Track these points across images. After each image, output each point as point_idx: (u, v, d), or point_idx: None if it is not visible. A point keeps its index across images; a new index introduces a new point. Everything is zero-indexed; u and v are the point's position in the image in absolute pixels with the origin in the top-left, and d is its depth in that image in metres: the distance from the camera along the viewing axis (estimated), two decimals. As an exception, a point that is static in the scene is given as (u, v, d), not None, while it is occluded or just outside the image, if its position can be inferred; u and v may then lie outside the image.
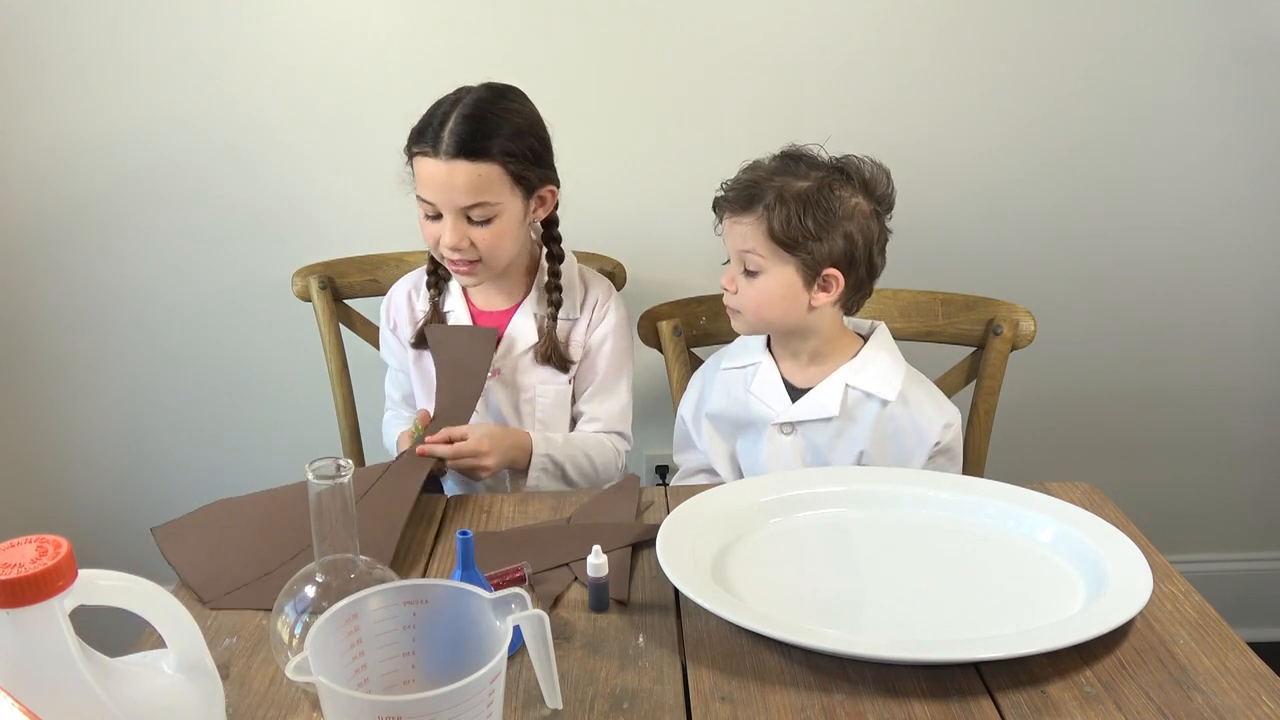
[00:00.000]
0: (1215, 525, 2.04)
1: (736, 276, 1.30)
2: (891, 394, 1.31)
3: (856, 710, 0.84)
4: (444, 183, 1.29)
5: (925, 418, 1.32)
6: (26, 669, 0.60)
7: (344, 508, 0.80)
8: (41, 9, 1.68)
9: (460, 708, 0.64)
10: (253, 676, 0.89)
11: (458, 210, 1.30)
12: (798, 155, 1.30)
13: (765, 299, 1.29)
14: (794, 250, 1.25)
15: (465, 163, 1.28)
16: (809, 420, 1.33)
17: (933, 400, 1.34)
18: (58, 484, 1.96)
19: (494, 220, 1.32)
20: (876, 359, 1.34)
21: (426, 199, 1.32)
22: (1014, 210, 1.84)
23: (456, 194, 1.29)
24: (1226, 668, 0.88)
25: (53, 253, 1.82)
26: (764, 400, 1.35)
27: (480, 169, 1.29)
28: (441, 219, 1.32)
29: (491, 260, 1.35)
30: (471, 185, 1.29)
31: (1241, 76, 1.77)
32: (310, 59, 1.72)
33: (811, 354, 1.35)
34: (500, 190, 1.31)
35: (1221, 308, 1.91)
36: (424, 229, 1.35)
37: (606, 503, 1.18)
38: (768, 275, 1.27)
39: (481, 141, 1.29)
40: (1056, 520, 1.08)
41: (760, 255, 1.27)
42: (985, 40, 1.75)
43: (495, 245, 1.34)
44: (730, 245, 1.31)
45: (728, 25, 1.73)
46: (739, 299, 1.31)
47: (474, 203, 1.30)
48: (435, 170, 1.29)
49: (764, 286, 1.28)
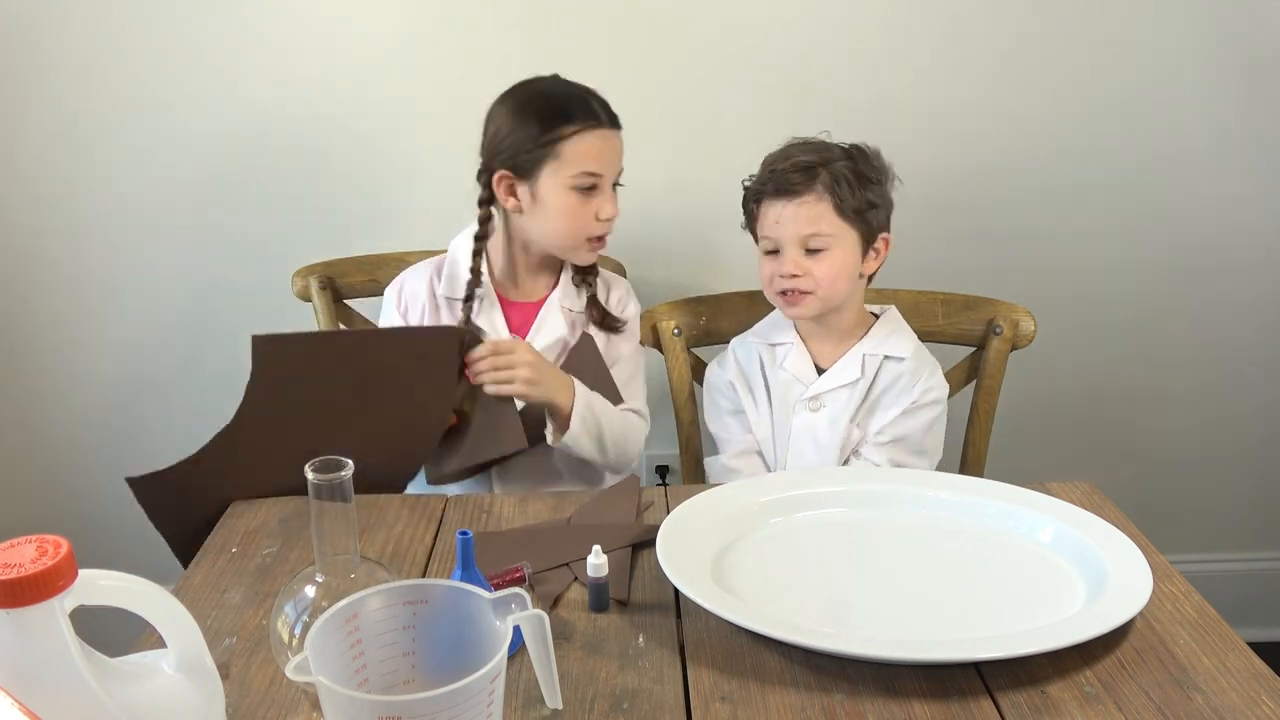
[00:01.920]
0: (1215, 525, 2.04)
1: (798, 259, 1.34)
2: (906, 351, 1.40)
3: (856, 710, 0.84)
4: (612, 150, 1.38)
5: (920, 379, 1.39)
6: (26, 669, 0.60)
7: (344, 508, 0.80)
8: (41, 9, 1.68)
9: (460, 708, 0.64)
10: (253, 676, 0.89)
11: (615, 177, 1.39)
12: (817, 143, 1.37)
13: (839, 272, 1.35)
14: (857, 220, 1.34)
15: (619, 131, 1.39)
16: (834, 389, 1.40)
17: (931, 368, 1.42)
18: (58, 484, 1.96)
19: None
20: (889, 330, 1.43)
21: (595, 171, 1.36)
22: (1014, 210, 1.84)
23: (618, 160, 1.39)
24: (1226, 668, 0.88)
25: (52, 252, 1.82)
26: (795, 375, 1.42)
27: (620, 135, 1.40)
28: (597, 192, 1.37)
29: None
30: (621, 151, 1.40)
31: (1242, 76, 1.77)
32: (311, 59, 1.73)
33: (840, 333, 1.42)
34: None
35: (1222, 308, 1.91)
36: (574, 211, 1.37)
37: (606, 503, 1.18)
38: (837, 249, 1.34)
39: (614, 114, 1.39)
40: (1056, 520, 1.08)
41: (827, 232, 1.33)
42: (985, 39, 1.75)
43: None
44: (788, 230, 1.35)
45: (728, 26, 1.73)
46: (810, 280, 1.35)
47: (621, 168, 1.40)
48: (607, 140, 1.37)
49: (836, 260, 1.34)
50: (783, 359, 1.44)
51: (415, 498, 1.23)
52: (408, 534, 1.13)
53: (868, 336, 1.42)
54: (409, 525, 1.15)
